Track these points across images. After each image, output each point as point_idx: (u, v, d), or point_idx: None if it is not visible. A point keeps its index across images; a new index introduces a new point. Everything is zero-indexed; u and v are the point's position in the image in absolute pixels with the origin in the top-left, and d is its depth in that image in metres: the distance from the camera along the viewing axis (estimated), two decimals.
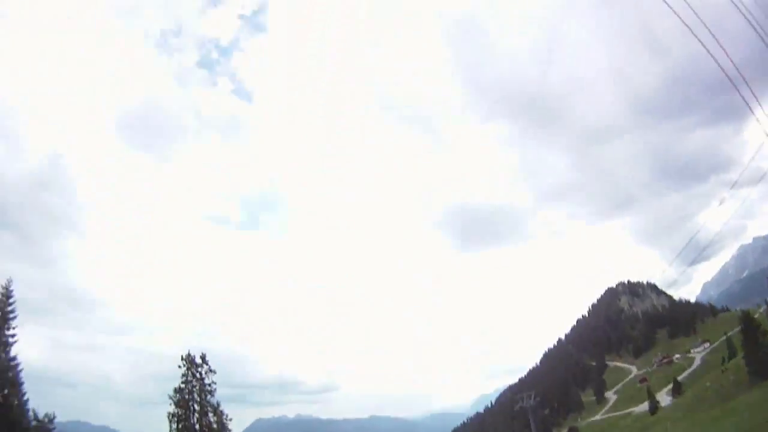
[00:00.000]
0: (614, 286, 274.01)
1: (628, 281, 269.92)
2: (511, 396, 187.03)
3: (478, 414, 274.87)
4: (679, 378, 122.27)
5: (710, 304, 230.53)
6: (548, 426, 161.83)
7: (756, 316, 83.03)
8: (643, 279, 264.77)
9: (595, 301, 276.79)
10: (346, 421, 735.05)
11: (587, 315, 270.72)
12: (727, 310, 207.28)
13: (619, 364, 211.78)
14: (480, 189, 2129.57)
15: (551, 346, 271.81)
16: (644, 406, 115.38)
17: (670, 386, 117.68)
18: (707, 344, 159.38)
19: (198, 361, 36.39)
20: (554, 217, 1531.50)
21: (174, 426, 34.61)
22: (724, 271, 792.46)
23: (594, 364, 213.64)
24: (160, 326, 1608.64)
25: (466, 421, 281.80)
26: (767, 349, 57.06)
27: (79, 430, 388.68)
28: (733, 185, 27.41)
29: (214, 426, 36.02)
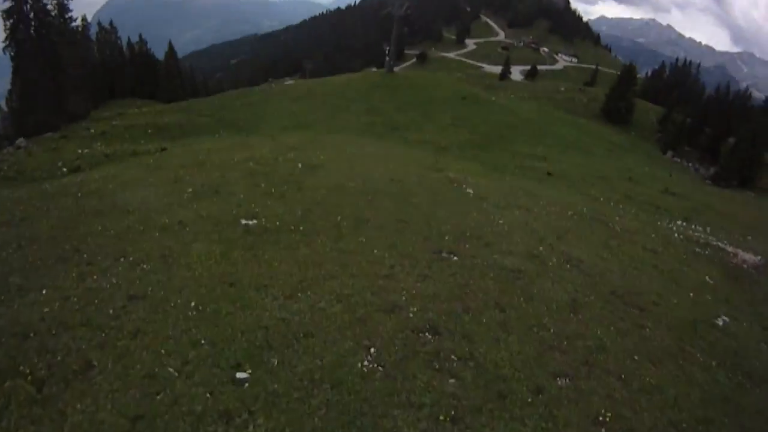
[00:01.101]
0: None
1: None
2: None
3: (339, 10, 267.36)
4: (538, 67, 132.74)
5: (598, 34, 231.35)
6: (404, 43, 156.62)
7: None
8: None
9: None
10: None
11: None
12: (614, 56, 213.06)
13: (490, 22, 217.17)
14: None
15: None
16: (496, 68, 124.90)
17: (527, 68, 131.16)
18: (575, 59, 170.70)
19: None
20: None
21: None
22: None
23: (468, 10, 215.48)
24: None
25: (324, 12, 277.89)
26: (628, 104, 65.86)
27: None
28: None
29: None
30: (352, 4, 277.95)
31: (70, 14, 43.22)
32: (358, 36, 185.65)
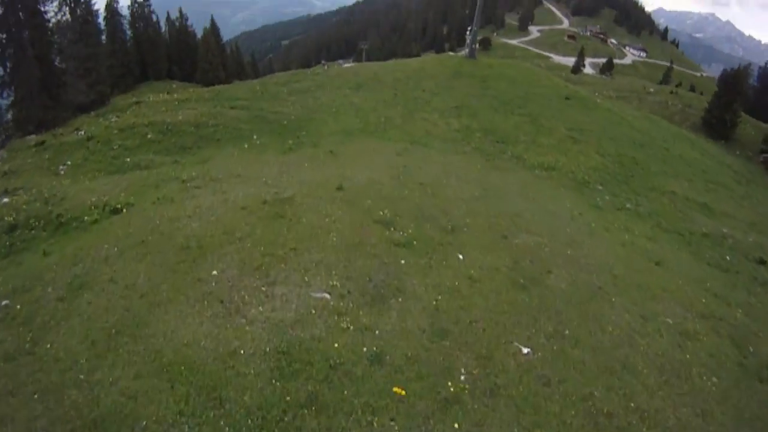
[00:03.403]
0: None
1: None
2: None
3: None
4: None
5: (666, 28, 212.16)
6: (464, 28, 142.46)
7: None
8: None
9: None
10: None
11: None
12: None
13: (553, 8, 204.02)
14: None
15: None
16: (565, 59, 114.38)
17: (598, 61, 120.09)
18: (644, 54, 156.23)
19: None
20: None
21: None
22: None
23: None
24: None
25: None
26: (734, 116, 51.44)
27: None
28: None
29: None
30: None
31: None
32: (415, 18, 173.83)
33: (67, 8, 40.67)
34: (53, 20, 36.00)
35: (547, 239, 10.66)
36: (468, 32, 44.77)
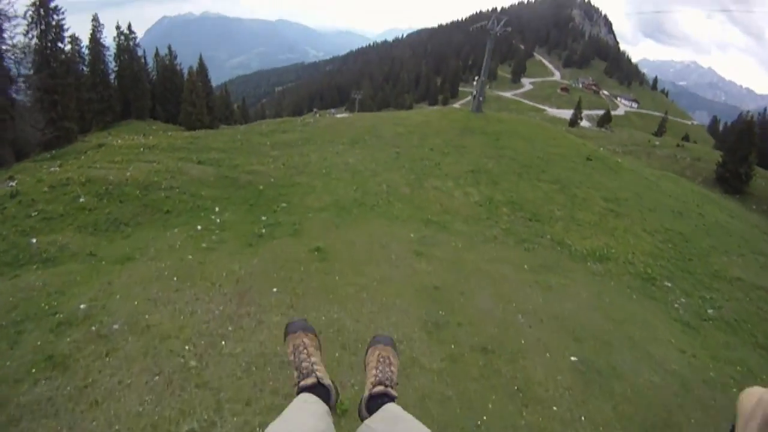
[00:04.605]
0: None
1: (588, 1, 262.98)
2: (421, 37, 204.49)
3: (386, 42, 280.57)
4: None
5: (656, 78, 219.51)
6: (458, 79, 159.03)
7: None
8: (604, 10, 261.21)
9: None
10: (253, 21, 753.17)
11: (537, 0, 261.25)
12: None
13: (545, 61, 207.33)
14: None
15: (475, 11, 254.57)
16: (560, 112, 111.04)
17: (593, 113, 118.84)
18: (635, 104, 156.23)
19: None
20: None
21: None
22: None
23: (522, 47, 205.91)
24: None
25: (372, 44, 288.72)
26: (748, 169, 48.13)
27: None
28: None
29: None
30: (400, 36, 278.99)
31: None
32: (408, 69, 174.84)
33: (37, 31, 36.37)
34: (11, 41, 31.40)
35: None
36: (475, 83, 41.44)
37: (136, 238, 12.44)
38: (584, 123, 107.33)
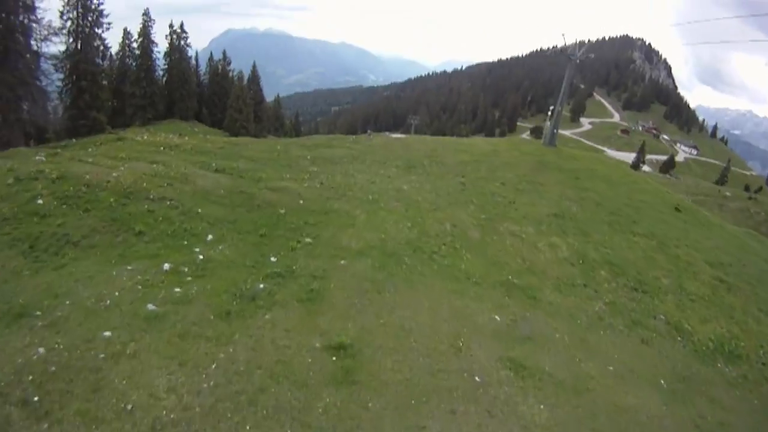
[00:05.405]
0: (633, 37, 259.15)
1: (649, 44, 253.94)
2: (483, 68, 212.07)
3: (445, 72, 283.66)
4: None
5: (715, 125, 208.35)
6: (516, 114, 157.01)
7: None
8: (663, 54, 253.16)
9: (609, 36, 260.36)
10: (315, 41, 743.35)
11: (598, 41, 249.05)
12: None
13: (604, 102, 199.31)
14: None
15: (549, 46, 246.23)
16: (619, 154, 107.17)
17: (654, 158, 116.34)
18: (695, 151, 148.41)
19: None
20: None
21: None
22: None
23: (582, 87, 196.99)
24: None
25: (431, 73, 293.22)
26: None
27: None
28: None
29: None
30: (459, 68, 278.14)
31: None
32: (466, 101, 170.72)
33: (74, 12, 33.86)
34: (44, 21, 28.58)
35: None
36: (548, 115, 36.30)
37: (68, 271, 8.00)
38: (645, 168, 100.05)
